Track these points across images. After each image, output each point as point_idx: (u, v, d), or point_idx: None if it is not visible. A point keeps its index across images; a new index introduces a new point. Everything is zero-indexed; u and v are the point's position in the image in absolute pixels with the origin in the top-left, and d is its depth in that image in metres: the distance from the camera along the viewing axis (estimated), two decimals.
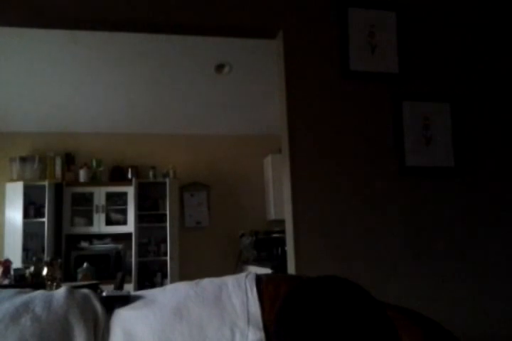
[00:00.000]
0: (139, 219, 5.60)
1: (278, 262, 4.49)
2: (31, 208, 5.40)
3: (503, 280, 2.43)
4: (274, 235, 5.51)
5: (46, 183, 5.39)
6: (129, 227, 5.55)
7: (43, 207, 5.37)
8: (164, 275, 5.58)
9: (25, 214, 5.32)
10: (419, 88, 2.50)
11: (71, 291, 1.24)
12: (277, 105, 2.48)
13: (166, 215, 5.62)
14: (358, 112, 2.41)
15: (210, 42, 4.02)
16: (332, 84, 2.40)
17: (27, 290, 1.27)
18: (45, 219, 5.33)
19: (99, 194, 5.60)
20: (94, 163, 5.69)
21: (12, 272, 3.71)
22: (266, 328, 1.16)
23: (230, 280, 1.29)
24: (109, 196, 5.65)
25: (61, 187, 5.51)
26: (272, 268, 4.44)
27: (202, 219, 5.97)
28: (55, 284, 3.15)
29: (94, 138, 5.82)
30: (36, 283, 3.34)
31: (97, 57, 4.37)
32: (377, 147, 2.41)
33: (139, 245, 5.58)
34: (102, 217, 5.58)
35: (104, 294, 1.28)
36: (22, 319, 1.10)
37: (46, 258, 3.93)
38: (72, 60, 4.39)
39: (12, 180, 5.43)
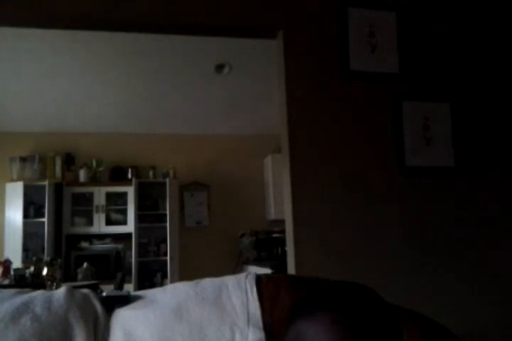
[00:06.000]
0: (139, 219, 5.60)
1: (278, 262, 4.50)
2: (31, 208, 5.40)
3: (503, 280, 2.43)
4: (274, 235, 5.52)
5: (46, 183, 5.39)
6: (129, 227, 5.56)
7: (43, 207, 5.38)
8: (164, 275, 5.58)
9: (25, 214, 5.33)
10: (419, 88, 2.50)
11: (71, 291, 1.24)
12: (277, 105, 2.48)
13: (166, 215, 5.62)
14: (357, 112, 2.41)
15: (210, 42, 4.02)
16: (332, 84, 2.40)
17: (27, 290, 1.27)
18: (45, 219, 5.34)
19: (99, 194, 5.61)
20: (94, 163, 5.69)
21: (12, 272, 3.71)
22: (266, 328, 1.16)
23: (230, 280, 1.29)
24: (109, 196, 5.66)
25: (61, 187, 5.51)
26: (272, 268, 4.44)
27: (202, 219, 5.97)
28: (55, 284, 3.15)
29: (94, 138, 5.82)
30: (36, 283, 3.35)
31: (97, 57, 4.37)
32: (377, 147, 2.41)
33: (139, 245, 5.58)
34: (102, 217, 5.58)
35: (104, 294, 1.28)
36: (22, 319, 1.10)
37: (46, 258, 3.93)
38: (72, 60, 4.39)
39: (12, 180, 5.44)
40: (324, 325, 1.05)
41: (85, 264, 4.05)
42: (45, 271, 3.22)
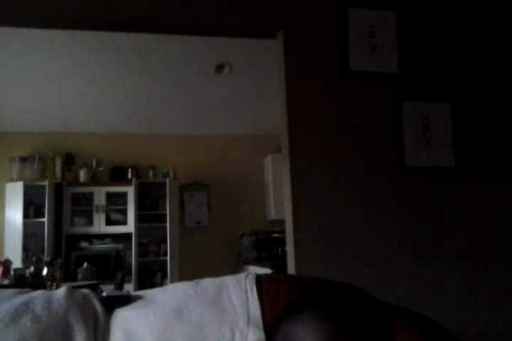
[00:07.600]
0: (139, 219, 5.60)
1: (278, 262, 4.49)
2: (31, 208, 5.40)
3: (503, 280, 2.43)
4: (274, 235, 5.52)
5: (46, 183, 5.39)
6: (129, 227, 5.55)
7: (43, 207, 5.37)
8: (164, 275, 5.58)
9: (25, 214, 5.33)
10: (419, 88, 2.50)
11: (71, 291, 1.24)
12: (277, 105, 2.48)
13: (166, 215, 5.62)
14: (358, 112, 2.41)
15: (210, 42, 4.02)
16: (332, 84, 2.40)
17: (27, 290, 1.27)
18: (45, 219, 5.33)
19: (99, 194, 5.60)
20: (94, 163, 5.69)
21: (12, 272, 3.71)
22: (266, 328, 1.16)
23: (230, 280, 1.29)
24: (109, 196, 5.65)
25: (61, 187, 5.51)
26: (272, 268, 4.44)
27: (202, 219, 5.97)
28: (55, 284, 3.15)
29: (94, 138, 5.82)
30: (36, 283, 3.34)
31: (97, 57, 4.37)
32: (377, 147, 2.41)
33: (139, 245, 5.58)
34: (102, 217, 5.58)
35: (104, 294, 1.28)
36: (22, 319, 1.10)
37: (46, 258, 3.93)
38: (72, 60, 4.39)
39: (12, 180, 5.43)
40: (312, 323, 1.05)
41: (85, 264, 4.05)
42: (45, 271, 3.22)
